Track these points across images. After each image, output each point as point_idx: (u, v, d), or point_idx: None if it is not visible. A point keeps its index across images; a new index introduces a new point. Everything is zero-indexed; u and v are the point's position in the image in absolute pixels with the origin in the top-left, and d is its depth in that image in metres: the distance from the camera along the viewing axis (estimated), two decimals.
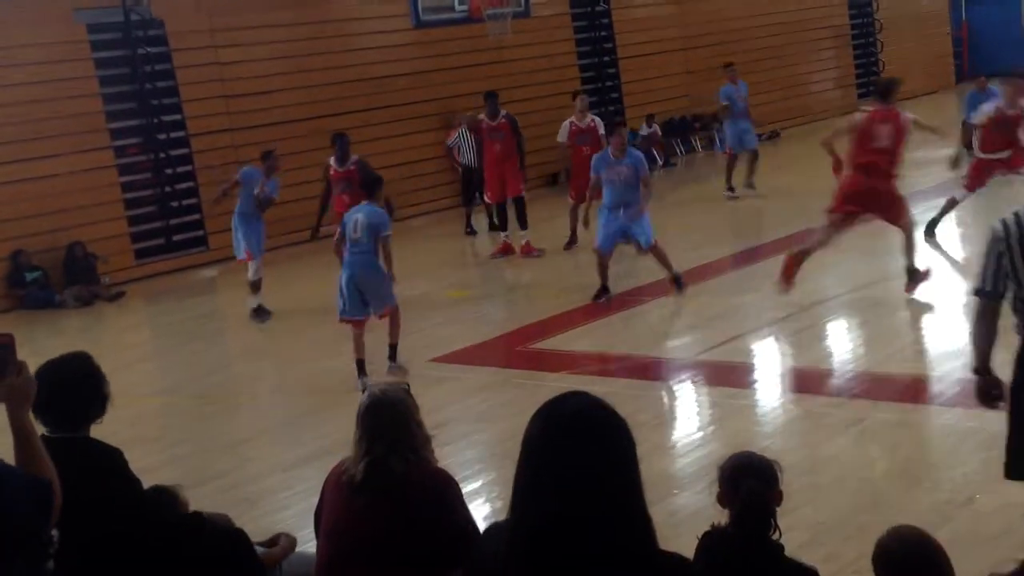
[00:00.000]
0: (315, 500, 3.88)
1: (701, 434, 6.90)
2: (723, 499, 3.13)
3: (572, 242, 12.73)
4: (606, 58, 19.46)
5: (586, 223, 10.73)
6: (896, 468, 5.95)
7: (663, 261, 10.01)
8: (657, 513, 2.33)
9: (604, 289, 10.16)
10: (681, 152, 20.28)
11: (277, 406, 8.50)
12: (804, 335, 8.83)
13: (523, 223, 12.97)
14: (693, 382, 8.03)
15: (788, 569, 2.92)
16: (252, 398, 8.95)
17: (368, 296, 8.25)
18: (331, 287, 8.62)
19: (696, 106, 20.35)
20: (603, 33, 19.43)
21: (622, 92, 19.68)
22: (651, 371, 8.23)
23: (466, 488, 4.74)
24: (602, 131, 12.81)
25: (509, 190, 13.00)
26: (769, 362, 8.43)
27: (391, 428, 3.63)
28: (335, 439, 3.64)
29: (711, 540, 3.07)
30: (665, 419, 7.35)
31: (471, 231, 14.73)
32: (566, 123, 13.35)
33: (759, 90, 18.27)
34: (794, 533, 3.16)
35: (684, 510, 3.30)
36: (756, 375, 8.08)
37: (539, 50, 18.10)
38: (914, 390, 7.32)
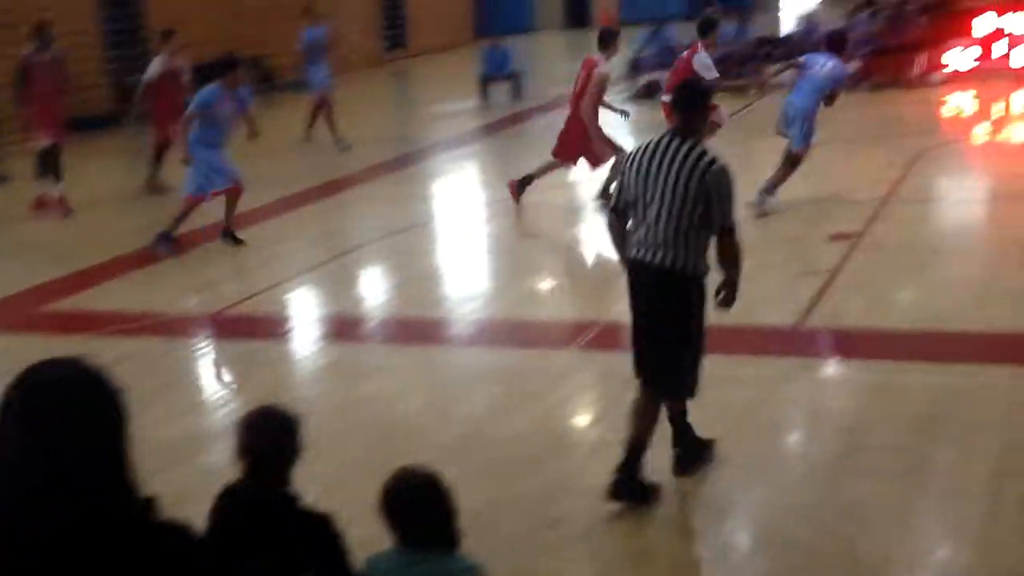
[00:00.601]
0: None
1: (227, 391, 6.73)
2: (239, 454, 3.05)
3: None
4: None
5: (186, 161, 9.63)
6: (421, 406, 6.19)
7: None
8: (177, 477, 2.22)
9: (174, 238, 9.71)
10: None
11: None
12: (337, 282, 8.95)
13: (59, 174, 11.67)
14: (222, 337, 7.78)
15: (299, 517, 2.90)
16: None
17: None
18: None
19: (243, 48, 19.75)
20: None
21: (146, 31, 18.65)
22: (176, 329, 7.80)
23: None
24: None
25: (56, 134, 11.56)
26: (303, 311, 8.37)
27: None
28: None
29: (225, 497, 2.98)
30: (190, 378, 7.07)
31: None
32: (159, 60, 12.29)
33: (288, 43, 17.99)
34: (317, 480, 3.16)
35: (209, 471, 3.17)
36: (289, 325, 8.00)
37: None
38: (436, 332, 7.68)
